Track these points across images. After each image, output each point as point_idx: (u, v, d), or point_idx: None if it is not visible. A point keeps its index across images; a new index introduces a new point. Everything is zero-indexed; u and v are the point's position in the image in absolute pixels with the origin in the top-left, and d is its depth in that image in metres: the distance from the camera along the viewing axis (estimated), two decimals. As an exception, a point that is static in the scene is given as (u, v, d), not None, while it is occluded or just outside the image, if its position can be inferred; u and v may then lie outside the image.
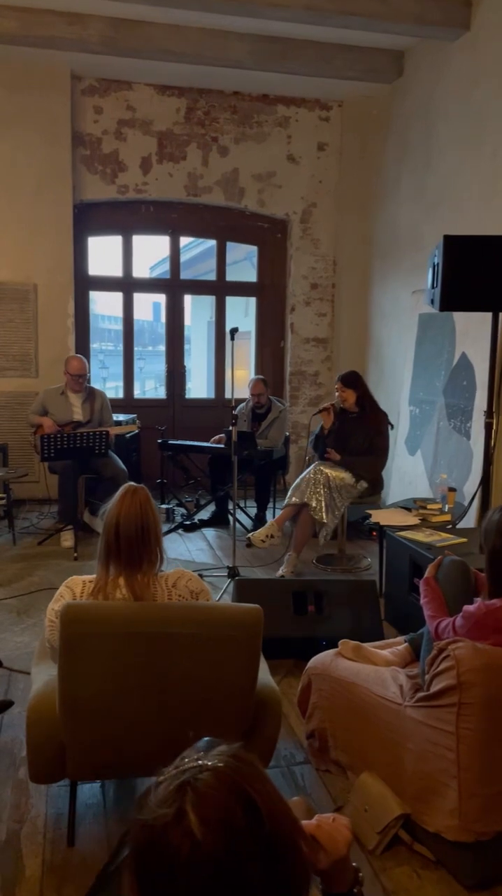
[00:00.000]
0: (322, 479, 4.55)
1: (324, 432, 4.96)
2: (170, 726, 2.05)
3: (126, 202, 6.76)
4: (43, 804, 2.37)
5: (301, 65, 5.98)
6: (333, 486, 4.55)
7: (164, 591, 2.10)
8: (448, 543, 3.63)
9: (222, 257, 7.21)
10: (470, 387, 5.18)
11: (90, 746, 2.06)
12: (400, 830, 2.14)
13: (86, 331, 6.98)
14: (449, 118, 5.51)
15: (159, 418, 6.75)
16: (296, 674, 3.27)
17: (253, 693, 2.05)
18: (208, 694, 2.02)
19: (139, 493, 2.16)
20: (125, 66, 6.11)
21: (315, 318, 7.19)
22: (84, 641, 1.95)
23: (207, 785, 0.84)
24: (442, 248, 3.15)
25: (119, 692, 2.00)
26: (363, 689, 2.37)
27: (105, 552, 2.12)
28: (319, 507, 4.50)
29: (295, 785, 2.49)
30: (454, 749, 1.96)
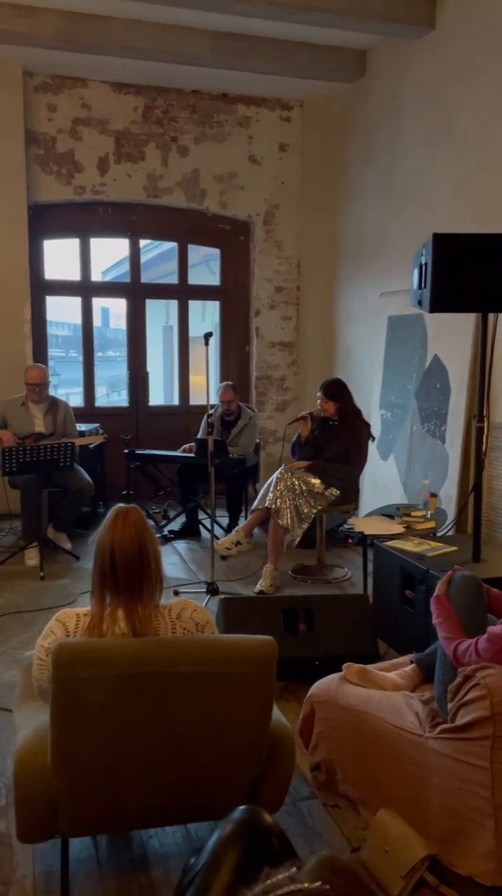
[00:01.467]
0: (287, 483, 4.41)
1: (300, 440, 4.82)
2: (177, 774, 1.85)
3: (83, 203, 6.51)
4: (30, 861, 2.15)
5: (262, 63, 5.84)
6: (299, 492, 4.40)
7: (168, 625, 1.91)
8: (439, 553, 3.51)
9: (184, 260, 7.01)
10: (443, 389, 5.10)
11: (87, 801, 1.85)
12: (425, 872, 1.98)
13: (43, 337, 6.70)
14: (415, 117, 5.43)
15: (122, 426, 6.51)
16: (287, 697, 3.10)
17: (267, 734, 1.87)
18: (218, 737, 1.84)
19: (132, 514, 1.96)
20: (80, 62, 5.87)
21: (280, 321, 7.05)
22: (80, 686, 1.74)
23: None
24: (432, 248, 3.03)
25: (120, 739, 1.80)
26: (376, 717, 2.21)
27: (100, 583, 1.90)
28: (284, 512, 4.36)
29: (303, 823, 2.31)
30: (488, 786, 1.81)
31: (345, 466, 4.60)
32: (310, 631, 3.23)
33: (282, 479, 4.45)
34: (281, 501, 4.38)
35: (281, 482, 4.44)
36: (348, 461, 4.61)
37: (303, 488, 4.42)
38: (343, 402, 4.73)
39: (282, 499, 4.39)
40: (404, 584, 3.47)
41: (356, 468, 4.69)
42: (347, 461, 4.61)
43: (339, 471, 4.57)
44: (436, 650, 2.33)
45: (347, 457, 4.61)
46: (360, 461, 4.69)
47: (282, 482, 4.43)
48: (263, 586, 4.35)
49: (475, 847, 1.85)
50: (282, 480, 4.44)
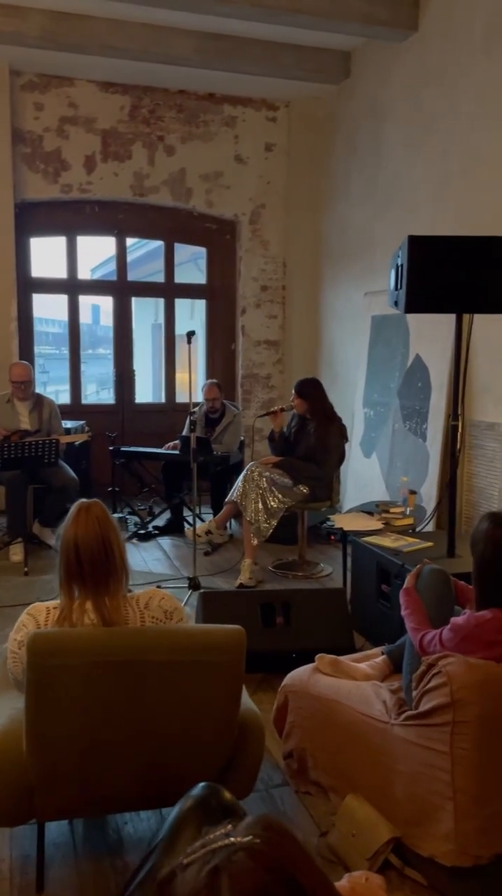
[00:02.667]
0: (254, 478, 4.48)
1: (273, 435, 4.88)
2: (148, 760, 1.91)
3: (70, 202, 6.55)
4: (7, 846, 2.20)
5: (247, 63, 5.89)
6: (266, 486, 4.46)
7: (136, 614, 1.96)
8: (415, 548, 3.57)
9: (170, 259, 7.05)
10: (424, 388, 5.17)
11: (61, 785, 1.91)
12: (390, 855, 2.05)
13: (29, 335, 6.73)
14: (399, 119, 5.50)
15: (108, 424, 6.55)
16: (265, 688, 3.16)
17: (236, 721, 1.93)
18: (188, 723, 1.90)
19: (94, 509, 2.00)
20: (67, 61, 5.90)
21: (266, 320, 7.11)
22: (53, 673, 1.80)
23: (244, 868, 0.72)
24: (407, 249, 3.09)
25: (92, 726, 1.85)
26: (345, 706, 2.28)
27: (66, 576, 1.95)
28: (249, 506, 4.44)
29: (275, 809, 2.37)
30: (448, 770, 1.88)
31: (312, 467, 4.59)
32: (286, 624, 3.29)
33: (250, 473, 4.51)
34: (246, 496, 4.45)
35: (248, 477, 4.51)
36: (310, 459, 4.61)
37: (271, 483, 4.48)
38: (313, 401, 4.72)
39: (247, 493, 4.45)
40: (380, 579, 3.53)
41: (324, 468, 4.63)
42: (310, 459, 4.61)
43: (308, 469, 4.59)
44: (405, 641, 2.39)
45: (310, 456, 4.62)
46: (327, 462, 4.62)
47: (249, 477, 4.50)
48: (243, 579, 4.41)
49: (436, 829, 1.92)
50: (250, 475, 4.51)
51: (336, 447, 4.69)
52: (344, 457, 4.84)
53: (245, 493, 4.47)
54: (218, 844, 0.75)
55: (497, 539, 2.00)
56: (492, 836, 1.88)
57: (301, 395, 4.73)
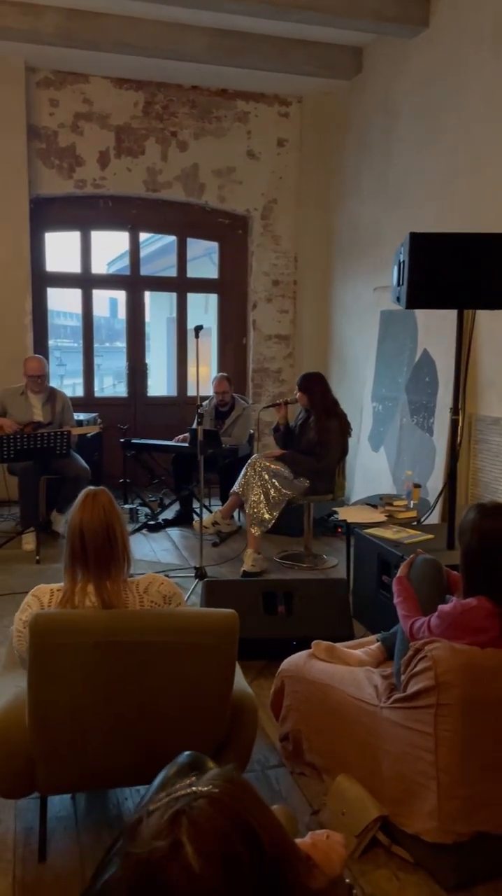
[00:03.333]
0: (256, 470, 4.56)
1: (278, 427, 4.96)
2: (144, 736, 2.00)
3: (84, 197, 6.64)
4: (11, 819, 2.30)
5: (259, 60, 5.94)
6: (267, 478, 4.54)
7: (136, 598, 2.05)
8: (415, 540, 3.64)
9: (182, 253, 7.13)
10: (432, 383, 5.22)
11: (61, 759, 2.00)
12: (378, 832, 2.12)
13: (44, 329, 6.84)
14: (408, 115, 5.53)
15: (121, 416, 6.65)
16: (266, 675, 3.24)
17: (229, 700, 2.01)
18: (184, 702, 1.98)
19: (100, 497, 2.09)
20: (81, 58, 5.98)
21: (277, 314, 7.17)
22: (54, 652, 1.89)
23: (203, 814, 0.80)
24: (408, 246, 3.14)
25: (91, 703, 1.94)
26: (338, 690, 2.35)
27: (71, 560, 2.05)
28: (249, 498, 4.52)
29: (270, 789, 2.46)
30: (432, 751, 1.95)
31: (312, 461, 4.64)
32: (288, 613, 3.37)
33: (252, 465, 4.59)
34: (248, 488, 4.53)
35: (250, 469, 4.59)
36: (310, 454, 4.66)
37: (272, 475, 4.55)
38: (314, 395, 4.76)
39: (249, 485, 4.53)
40: (381, 570, 3.60)
41: (324, 462, 4.66)
42: (310, 454, 4.66)
43: (308, 463, 4.64)
44: (398, 629, 2.46)
45: (310, 450, 4.68)
46: (326, 456, 4.65)
47: (251, 469, 4.58)
48: (246, 566, 4.50)
49: (421, 807, 1.99)
50: (251, 468, 4.59)
51: (336, 442, 4.71)
52: (346, 451, 4.89)
53: (247, 485, 4.56)
54: (181, 793, 0.83)
55: (483, 529, 2.06)
56: (473, 815, 1.95)
57: (302, 390, 4.80)
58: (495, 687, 1.95)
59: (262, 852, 0.79)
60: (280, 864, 0.80)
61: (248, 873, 0.77)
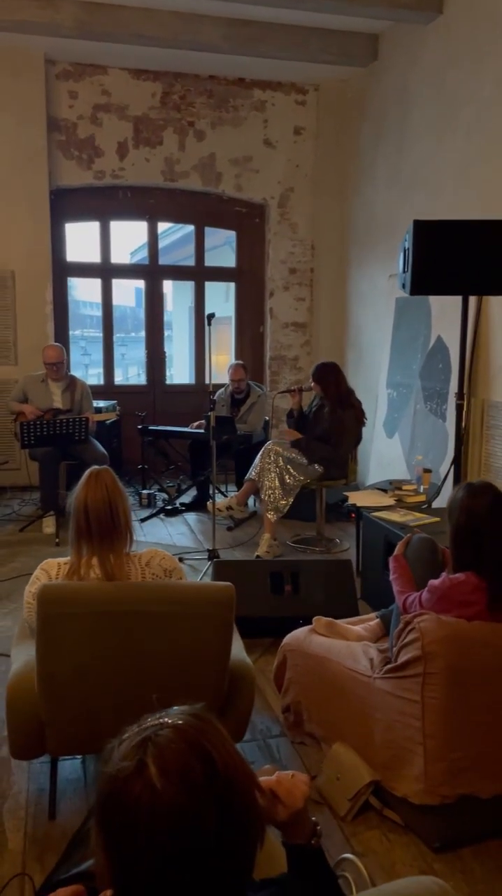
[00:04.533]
0: (272, 457, 4.63)
1: (292, 413, 5.04)
2: (146, 701, 2.10)
3: (103, 188, 6.75)
4: (25, 780, 2.43)
5: (275, 48, 5.98)
6: (283, 465, 4.62)
7: (138, 571, 2.16)
8: (421, 523, 3.71)
9: (200, 242, 7.22)
10: (445, 369, 5.26)
11: (68, 722, 2.12)
12: (370, 797, 2.22)
13: (65, 318, 6.98)
14: (423, 102, 5.54)
15: (140, 404, 6.77)
16: (273, 652, 3.32)
17: (226, 668, 2.11)
18: (183, 669, 2.09)
19: (103, 475, 2.20)
20: (99, 50, 6.08)
21: (294, 302, 7.23)
22: (60, 621, 2.01)
23: (167, 739, 0.90)
24: (412, 233, 3.20)
25: (95, 669, 2.06)
26: (335, 663, 2.45)
27: (76, 535, 2.16)
28: (264, 485, 4.60)
29: (271, 757, 2.56)
30: (419, 717, 2.04)
31: (327, 448, 4.74)
32: (294, 592, 3.46)
33: (267, 452, 4.68)
34: (265, 474, 4.61)
35: (266, 456, 4.67)
36: (327, 441, 4.75)
37: (287, 461, 4.64)
38: (328, 385, 4.83)
39: (265, 471, 4.62)
40: (387, 552, 3.67)
41: (338, 450, 4.77)
42: (326, 441, 4.75)
43: (322, 450, 4.74)
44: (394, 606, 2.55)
45: (326, 438, 4.76)
46: (340, 445, 4.75)
47: (267, 456, 4.66)
48: (260, 552, 4.59)
49: (409, 771, 2.08)
50: (267, 454, 4.67)
51: (350, 431, 4.81)
52: (360, 439, 4.97)
53: (263, 471, 4.65)
54: (150, 723, 0.94)
55: (470, 508, 2.14)
56: (458, 778, 2.03)
57: (316, 381, 4.88)
58: (479, 657, 2.03)
59: (218, 775, 0.89)
60: (233, 784, 0.90)
61: (204, 792, 0.88)
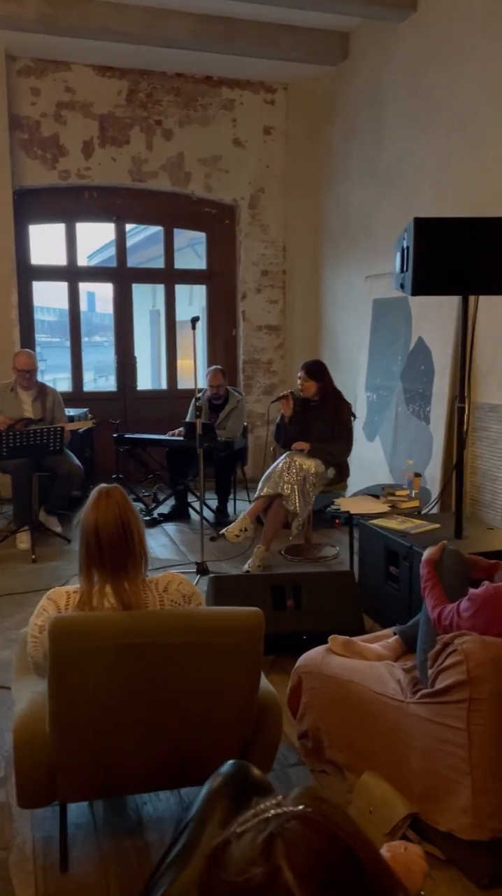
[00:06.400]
0: (295, 469, 4.48)
1: (284, 421, 4.89)
2: (169, 740, 1.94)
3: (68, 188, 6.52)
4: (29, 827, 2.23)
5: (245, 46, 5.85)
6: (305, 476, 4.49)
7: (156, 597, 1.98)
8: (422, 530, 3.60)
9: (170, 244, 7.03)
10: (428, 371, 5.18)
11: (84, 766, 1.94)
12: (407, 830, 2.08)
13: (30, 323, 6.72)
14: (399, 100, 5.47)
15: (111, 411, 6.56)
16: (277, 670, 3.19)
17: (255, 701, 1.96)
18: (209, 704, 1.92)
19: (114, 494, 2.02)
20: (63, 45, 5.86)
21: (267, 305, 7.10)
22: (75, 657, 1.82)
23: (299, 835, 0.74)
24: (413, 231, 3.09)
25: (114, 708, 1.88)
26: (360, 686, 2.31)
27: (86, 560, 1.97)
28: (293, 496, 4.44)
29: (290, 788, 2.41)
30: (465, 746, 1.91)
31: (337, 445, 4.72)
32: (297, 607, 3.32)
33: (290, 464, 4.51)
34: (289, 487, 4.46)
35: (289, 468, 4.50)
36: (336, 438, 4.72)
37: (308, 472, 4.52)
38: (324, 382, 4.82)
39: (290, 484, 4.46)
40: (388, 561, 3.56)
41: (346, 446, 4.80)
42: (335, 439, 4.71)
43: (333, 449, 4.69)
44: (419, 621, 2.42)
45: (334, 437, 4.71)
46: (347, 439, 4.79)
47: (291, 468, 4.50)
48: (251, 566, 4.43)
49: (453, 804, 1.95)
50: (290, 466, 4.50)
51: (351, 423, 4.83)
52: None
53: (289, 485, 4.46)
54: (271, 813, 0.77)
55: None
56: (509, 810, 1.91)
57: (312, 377, 4.78)
58: (528, 680, 1.91)
59: (363, 872, 0.74)
60: (379, 883, 0.75)
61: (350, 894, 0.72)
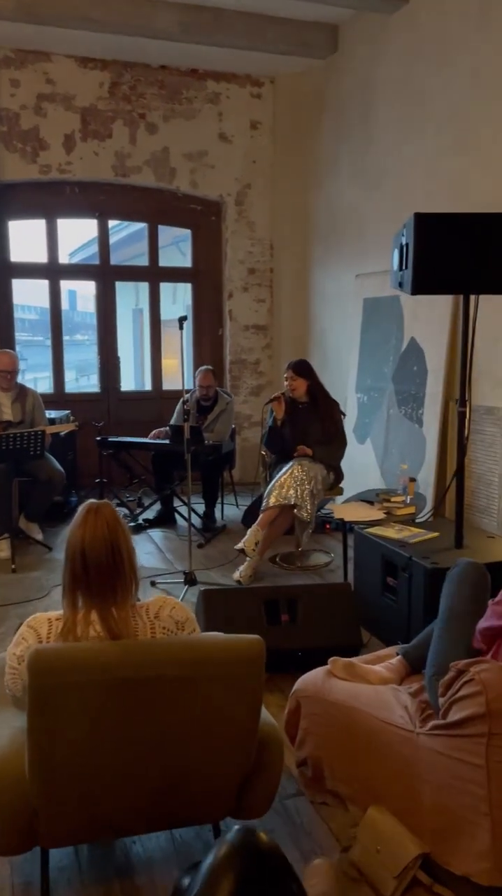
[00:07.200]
0: (305, 477, 4.33)
1: (276, 424, 4.73)
2: (161, 781, 1.77)
3: (49, 183, 6.31)
4: (8, 874, 2.06)
5: (231, 37, 5.68)
6: (314, 483, 4.35)
7: (146, 625, 1.82)
8: (420, 539, 3.46)
9: (154, 241, 6.84)
10: (420, 372, 5.05)
11: (69, 810, 1.77)
12: (418, 871, 1.93)
13: (9, 322, 6.51)
14: (389, 95, 5.32)
15: (94, 413, 6.37)
16: (271, 689, 3.03)
17: (256, 737, 1.80)
18: (205, 742, 1.76)
19: (104, 510, 1.85)
20: (43, 35, 5.65)
21: (254, 304, 6.94)
22: (57, 693, 1.65)
23: None
24: (413, 228, 2.94)
25: (101, 747, 1.71)
26: (364, 713, 2.16)
27: (71, 583, 1.80)
28: (304, 505, 4.31)
29: (290, 822, 2.25)
30: (484, 784, 1.76)
31: (334, 448, 4.60)
32: (292, 622, 3.17)
33: (297, 472, 4.35)
34: (300, 496, 4.30)
35: (296, 476, 4.34)
36: (332, 440, 4.60)
37: (316, 478, 4.38)
38: (312, 380, 4.71)
39: (301, 493, 4.30)
40: (386, 572, 3.41)
41: (342, 448, 4.69)
42: (331, 441, 4.58)
43: (332, 452, 4.58)
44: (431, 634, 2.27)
45: (328, 436, 4.58)
46: (341, 438, 4.68)
47: (299, 475, 4.34)
48: (242, 576, 4.26)
49: (470, 846, 1.81)
50: (300, 473, 4.35)
51: (342, 422, 4.72)
52: None
53: (301, 494, 4.30)
54: None
55: None
56: (532, 854, 1.77)
57: (302, 375, 4.67)
58: None
59: None
60: None
61: None
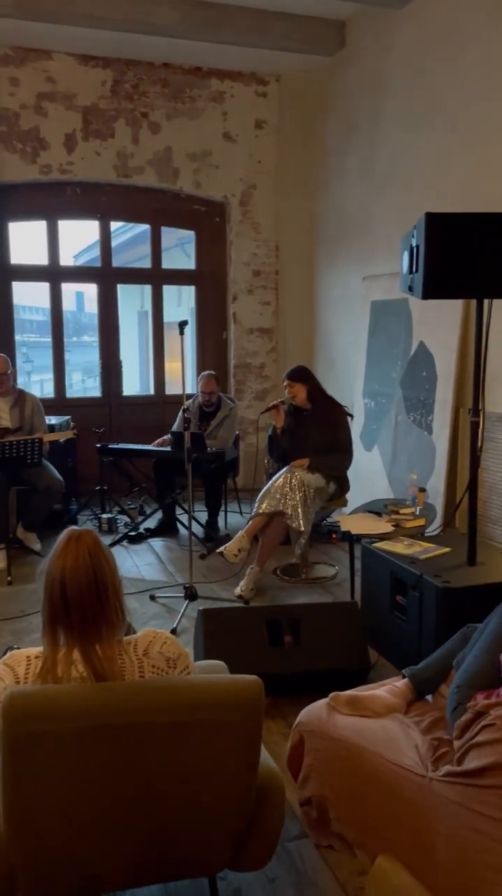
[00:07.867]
0: (296, 485, 4.16)
1: (277, 433, 4.58)
2: (151, 834, 1.62)
3: (50, 183, 6.18)
4: (-12, 925, 1.91)
5: (236, 34, 5.53)
6: (307, 491, 4.17)
7: (134, 664, 1.66)
8: (431, 555, 3.30)
9: (157, 243, 6.70)
10: (429, 378, 4.88)
11: (50, 865, 1.61)
12: (431, 930, 1.78)
13: (10, 324, 6.38)
14: (398, 92, 5.17)
15: (95, 418, 6.23)
16: (273, 715, 2.88)
17: (254, 786, 1.64)
18: (198, 792, 1.61)
19: (85, 538, 1.67)
20: (43, 33, 5.52)
21: (258, 306, 6.78)
22: (37, 742, 1.49)
23: None
24: (424, 229, 2.79)
25: (86, 801, 1.56)
26: (371, 752, 2.00)
27: (51, 619, 1.64)
28: (295, 514, 4.12)
29: (293, 869, 2.09)
30: (505, 841, 1.61)
31: (338, 456, 4.40)
32: (296, 643, 3.01)
33: (290, 480, 4.19)
34: (293, 504, 4.13)
35: (289, 484, 4.17)
36: (337, 448, 4.40)
37: (310, 487, 4.20)
38: (311, 384, 4.52)
39: (293, 501, 4.13)
40: (395, 590, 3.25)
41: (347, 455, 4.47)
42: (335, 448, 4.39)
43: (334, 461, 4.38)
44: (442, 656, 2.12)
45: (333, 443, 4.39)
46: (348, 444, 4.46)
47: (292, 484, 4.17)
48: (244, 590, 4.10)
49: (489, 908, 1.65)
50: (291, 482, 4.18)
51: (348, 426, 4.51)
52: None
53: (291, 502, 4.13)
54: None
55: None
56: None
57: (301, 381, 4.49)
58: None
59: None
60: None
61: None
